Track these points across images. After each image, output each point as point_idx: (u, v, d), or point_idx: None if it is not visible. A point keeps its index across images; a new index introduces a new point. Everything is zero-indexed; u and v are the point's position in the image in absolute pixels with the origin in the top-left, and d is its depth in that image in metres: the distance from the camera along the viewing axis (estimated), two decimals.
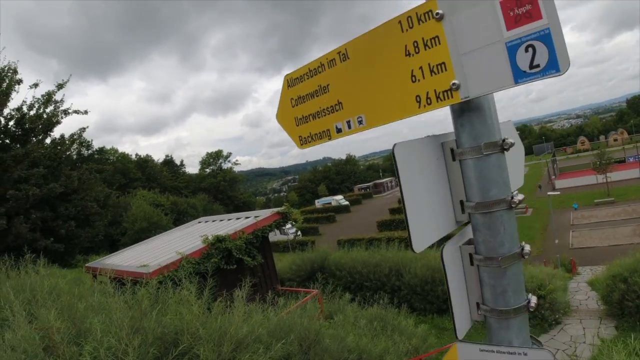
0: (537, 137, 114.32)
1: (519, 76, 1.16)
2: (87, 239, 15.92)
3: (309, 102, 1.63)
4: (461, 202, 1.42)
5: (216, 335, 4.69)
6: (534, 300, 1.38)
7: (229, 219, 12.53)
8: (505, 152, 1.31)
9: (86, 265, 12.01)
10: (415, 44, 1.31)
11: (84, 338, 4.19)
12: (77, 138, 16.02)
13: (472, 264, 1.44)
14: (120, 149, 62.01)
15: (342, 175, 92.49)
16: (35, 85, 14.89)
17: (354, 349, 7.00)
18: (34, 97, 14.83)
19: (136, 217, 33.21)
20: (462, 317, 1.45)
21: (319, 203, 65.86)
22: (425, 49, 1.30)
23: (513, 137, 1.41)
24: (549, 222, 27.82)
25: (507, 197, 1.32)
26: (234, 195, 72.93)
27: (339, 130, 1.56)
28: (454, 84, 1.26)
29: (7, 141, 14.59)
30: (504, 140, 1.30)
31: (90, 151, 18.07)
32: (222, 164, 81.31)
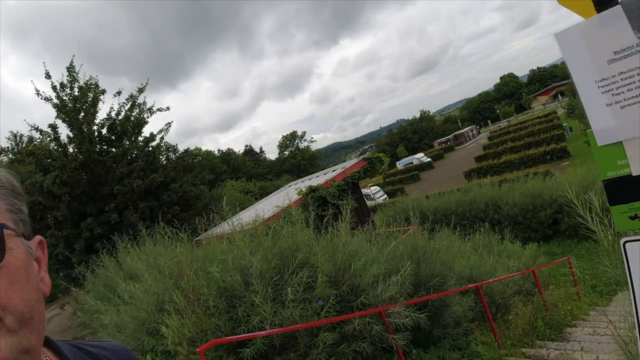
0: None
1: None
2: (192, 219, 17.03)
3: None
4: None
5: (329, 248, 4.84)
6: None
7: (317, 176, 12.81)
8: None
9: (196, 239, 12.83)
10: None
11: (210, 264, 4.54)
12: (165, 131, 17.00)
13: None
14: (203, 149, 65.52)
15: (419, 133, 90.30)
16: (119, 93, 15.93)
17: (463, 267, 6.92)
18: (119, 103, 15.89)
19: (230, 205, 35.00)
20: None
21: (400, 164, 64.76)
22: None
23: None
24: None
25: None
26: (316, 171, 74.33)
27: None
28: None
29: (105, 146, 15.83)
30: None
31: (177, 154, 19.22)
32: (299, 144, 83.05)
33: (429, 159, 59.25)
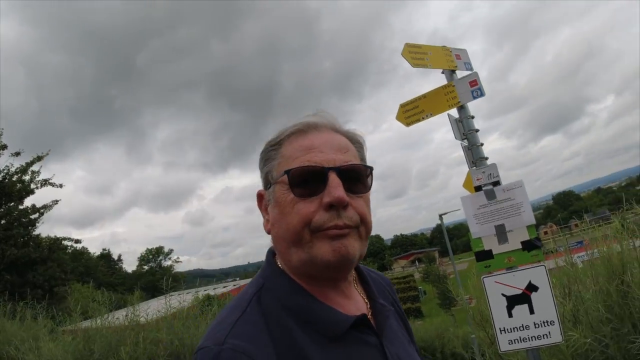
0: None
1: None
2: (52, 306, 15.69)
3: None
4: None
5: None
6: None
7: (205, 290, 13.32)
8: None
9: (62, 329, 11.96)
10: None
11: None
12: (49, 207, 16.19)
13: None
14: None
15: None
16: (17, 153, 15.40)
17: None
18: (11, 164, 15.24)
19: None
20: None
21: None
22: None
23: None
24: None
25: None
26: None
27: None
28: None
29: None
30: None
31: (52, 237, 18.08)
32: (163, 261, 78.47)
33: None
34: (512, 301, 2.55)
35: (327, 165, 0.91)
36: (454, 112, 3.04)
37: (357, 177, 0.95)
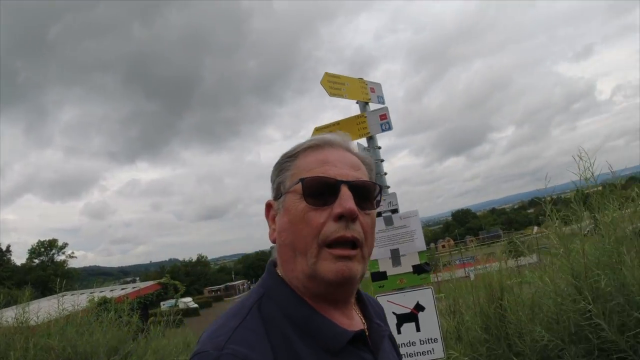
0: None
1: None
2: None
3: None
4: None
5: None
6: None
7: (103, 290, 12.59)
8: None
9: None
10: None
11: None
12: None
13: None
14: None
15: (192, 276, 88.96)
16: None
17: None
18: None
19: None
20: None
21: (164, 305, 61.75)
22: None
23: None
24: None
25: None
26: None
27: None
28: None
29: None
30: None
31: None
32: (55, 255, 72.91)
33: (196, 305, 58.15)
34: (402, 319, 2.84)
35: (340, 178, 0.95)
36: (363, 141, 3.30)
37: (366, 194, 0.98)
